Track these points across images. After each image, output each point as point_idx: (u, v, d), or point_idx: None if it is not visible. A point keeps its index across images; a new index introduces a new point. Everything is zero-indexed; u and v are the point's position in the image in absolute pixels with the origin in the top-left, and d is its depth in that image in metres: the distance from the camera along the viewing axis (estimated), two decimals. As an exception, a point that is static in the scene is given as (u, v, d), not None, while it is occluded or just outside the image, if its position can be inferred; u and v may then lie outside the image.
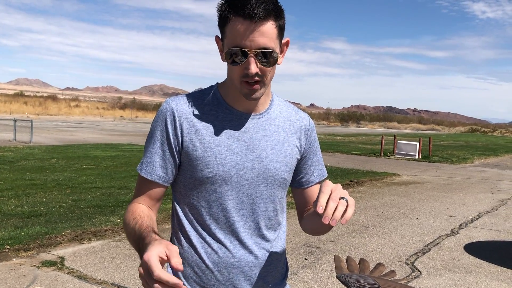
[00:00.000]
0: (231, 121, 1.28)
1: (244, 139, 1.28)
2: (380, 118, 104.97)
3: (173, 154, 1.26)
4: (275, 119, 1.34)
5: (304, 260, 5.08)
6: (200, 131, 1.26)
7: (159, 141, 1.26)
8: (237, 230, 1.28)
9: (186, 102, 1.28)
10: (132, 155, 14.39)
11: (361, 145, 25.98)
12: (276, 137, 1.32)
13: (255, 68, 1.17)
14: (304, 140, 1.38)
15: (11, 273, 4.25)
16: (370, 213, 7.76)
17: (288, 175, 1.34)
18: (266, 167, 1.28)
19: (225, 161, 1.25)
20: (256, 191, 1.28)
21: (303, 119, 1.40)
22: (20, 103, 52.10)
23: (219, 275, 1.27)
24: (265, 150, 1.29)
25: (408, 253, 5.59)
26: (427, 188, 11.17)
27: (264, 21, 1.16)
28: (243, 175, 1.26)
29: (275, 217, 1.34)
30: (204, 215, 1.27)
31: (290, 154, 1.33)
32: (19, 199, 7.16)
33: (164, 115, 1.26)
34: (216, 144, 1.25)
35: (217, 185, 1.25)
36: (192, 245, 1.28)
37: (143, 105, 69.06)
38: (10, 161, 11.65)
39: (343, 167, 14.36)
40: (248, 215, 1.29)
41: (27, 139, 17.44)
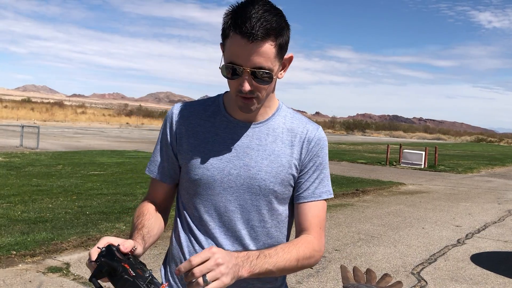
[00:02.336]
0: (226, 129, 1.31)
1: (234, 147, 1.29)
2: (386, 126, 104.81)
3: (171, 155, 1.35)
4: (275, 130, 1.32)
5: (310, 269, 5.06)
6: (194, 135, 1.32)
7: (160, 143, 1.37)
8: (217, 235, 1.29)
9: (188, 108, 1.35)
10: (138, 162, 14.42)
11: (366, 154, 25.92)
12: (271, 147, 1.29)
13: (248, 86, 1.18)
14: (304, 153, 1.31)
15: (17, 278, 4.26)
16: (375, 223, 7.73)
17: (279, 187, 1.28)
18: (252, 176, 1.27)
19: (211, 166, 1.28)
20: (239, 199, 1.28)
21: (309, 131, 1.33)
22: (27, 110, 52.46)
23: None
24: (254, 159, 1.28)
25: (414, 263, 5.55)
26: (433, 197, 11.12)
27: (262, 42, 1.14)
28: (227, 181, 1.27)
29: (262, 229, 1.30)
30: (191, 216, 1.32)
31: (284, 166, 1.29)
32: (25, 205, 7.19)
33: (166, 120, 1.37)
34: (206, 149, 1.29)
35: (202, 188, 1.29)
36: (179, 242, 1.33)
37: (149, 112, 69.34)
38: (17, 167, 11.71)
39: (349, 175, 14.33)
40: (230, 222, 1.29)
41: (34, 145, 17.53)
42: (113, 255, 1.02)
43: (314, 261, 1.28)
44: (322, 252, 1.31)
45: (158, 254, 5.12)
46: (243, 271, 1.10)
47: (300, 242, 1.26)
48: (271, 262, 1.16)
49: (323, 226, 1.33)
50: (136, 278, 0.99)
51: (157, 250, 5.22)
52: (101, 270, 1.01)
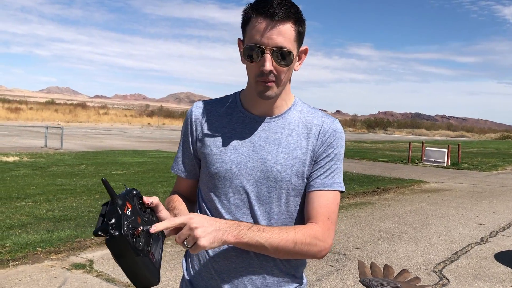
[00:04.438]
0: (243, 124, 1.35)
1: (251, 141, 1.33)
2: (408, 124, 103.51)
3: (191, 152, 1.41)
4: (291, 123, 1.35)
5: (329, 266, 5.06)
6: (213, 131, 1.37)
7: (182, 140, 1.44)
8: None
9: (207, 106, 1.41)
10: (159, 162, 14.58)
11: (388, 152, 25.65)
12: (286, 140, 1.32)
13: (270, 66, 1.22)
14: (319, 144, 1.33)
15: (43, 274, 4.38)
16: (397, 221, 7.66)
17: (295, 179, 1.31)
18: (268, 169, 1.30)
19: (228, 159, 1.32)
20: (257, 191, 1.31)
21: (325, 123, 1.35)
22: (51, 111, 53.49)
23: (216, 266, 1.33)
24: (270, 152, 1.31)
25: (436, 261, 5.50)
26: (456, 195, 10.96)
27: (283, 21, 1.20)
28: (245, 174, 1.31)
29: (279, 220, 1.32)
30: (210, 209, 1.36)
31: (299, 158, 1.31)
32: (50, 204, 7.36)
33: (186, 118, 1.43)
34: (223, 144, 1.34)
35: (220, 181, 1.33)
36: None
37: (170, 113, 69.96)
38: (41, 166, 11.97)
39: (370, 174, 14.22)
40: (248, 214, 1.32)
41: (58, 145, 17.89)
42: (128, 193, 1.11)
43: (316, 250, 1.25)
44: (328, 243, 1.27)
45: (179, 251, 5.19)
46: (229, 236, 1.14)
47: (302, 227, 1.25)
48: (263, 236, 1.18)
49: (333, 218, 1.29)
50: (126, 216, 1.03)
51: (179, 247, 5.29)
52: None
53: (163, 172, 12.01)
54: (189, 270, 1.41)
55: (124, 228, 1.01)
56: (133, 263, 1.04)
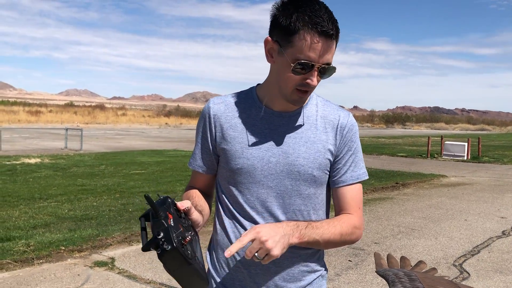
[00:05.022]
0: (262, 119, 1.37)
1: (272, 136, 1.35)
2: (427, 119, 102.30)
3: (209, 148, 1.42)
4: (309, 118, 1.38)
5: (348, 261, 5.06)
6: (232, 127, 1.38)
7: (199, 136, 1.44)
8: (260, 220, 1.34)
9: (224, 102, 1.42)
10: (177, 161, 14.71)
11: (406, 147, 25.41)
12: (306, 134, 1.36)
13: (316, 81, 1.27)
14: (339, 139, 1.37)
15: (66, 272, 4.48)
16: (416, 215, 7.61)
17: (318, 172, 1.35)
18: (291, 163, 1.33)
19: (250, 155, 1.34)
20: (280, 185, 1.34)
21: (341, 117, 1.39)
22: (71, 113, 54.28)
23: (243, 259, 1.35)
24: (292, 146, 1.34)
25: (456, 254, 5.45)
26: (476, 189, 10.82)
27: (333, 40, 1.25)
28: (268, 169, 1.33)
29: (302, 213, 1.36)
30: (233, 204, 1.38)
31: (320, 152, 1.35)
32: (71, 204, 7.50)
33: (203, 114, 1.43)
34: (244, 139, 1.35)
35: (243, 177, 1.35)
36: (224, 229, 1.40)
37: (187, 112, 70.36)
38: (62, 168, 12.19)
39: (388, 169, 14.12)
40: (272, 208, 1.34)
41: (78, 147, 18.17)
42: (164, 203, 1.14)
43: (355, 238, 1.37)
44: (362, 229, 1.39)
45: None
46: (293, 238, 1.22)
47: (343, 219, 1.35)
48: (318, 233, 1.27)
49: (361, 206, 1.41)
50: (171, 227, 1.06)
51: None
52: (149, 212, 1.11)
53: (181, 171, 12.12)
54: (214, 264, 1.43)
55: (174, 241, 1.04)
56: (187, 272, 1.07)
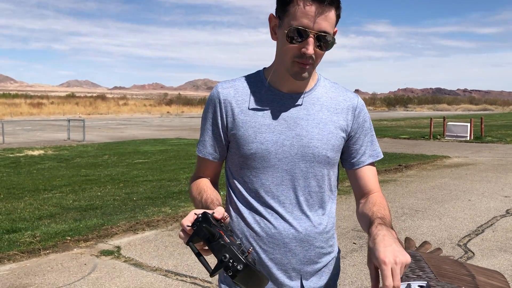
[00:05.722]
0: (273, 102, 1.35)
1: (284, 118, 1.33)
2: (429, 100, 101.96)
3: (220, 134, 1.38)
4: (319, 99, 1.37)
5: (353, 244, 5.08)
6: (243, 111, 1.35)
7: (208, 123, 1.39)
8: (275, 204, 1.34)
9: (233, 86, 1.38)
10: (180, 149, 14.73)
11: (409, 129, 25.36)
12: (318, 116, 1.35)
13: (312, 49, 1.22)
14: (351, 120, 1.38)
15: (73, 262, 4.51)
16: (420, 197, 7.62)
17: (331, 153, 1.35)
18: (305, 145, 1.32)
19: (264, 139, 1.32)
20: (295, 168, 1.33)
21: (350, 99, 1.40)
22: (72, 104, 54.26)
23: (260, 243, 1.35)
24: (305, 128, 1.33)
25: (461, 235, 5.47)
26: (479, 169, 10.81)
27: (330, 7, 1.22)
28: (282, 152, 1.32)
29: (318, 194, 1.37)
30: (247, 190, 1.36)
31: (333, 133, 1.35)
32: (76, 194, 7.53)
33: (212, 99, 1.39)
34: (256, 124, 1.33)
35: (257, 161, 1.33)
36: (240, 215, 1.38)
37: (188, 100, 70.28)
38: (66, 159, 12.23)
39: (391, 151, 14.10)
40: (288, 191, 1.34)
41: (80, 137, 18.20)
42: (209, 221, 1.07)
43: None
44: None
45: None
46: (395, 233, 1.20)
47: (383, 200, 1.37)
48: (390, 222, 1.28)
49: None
50: (231, 244, 1.04)
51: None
52: (199, 235, 1.06)
53: (184, 159, 12.14)
54: None
55: (242, 258, 1.02)
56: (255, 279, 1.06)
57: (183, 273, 4.23)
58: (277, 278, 1.35)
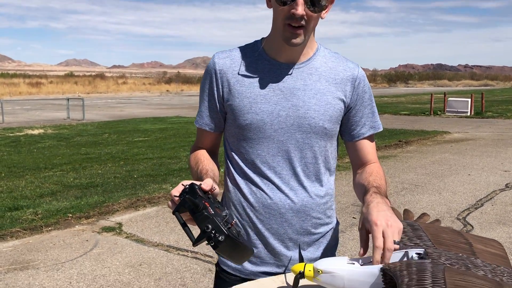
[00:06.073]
0: (270, 72, 1.32)
1: (280, 89, 1.31)
2: (430, 76, 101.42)
3: (216, 104, 1.37)
4: (317, 69, 1.34)
5: (352, 218, 5.12)
6: (239, 82, 1.33)
7: (205, 93, 1.39)
8: (272, 175, 1.33)
9: (229, 56, 1.36)
10: (180, 127, 14.71)
11: (409, 105, 25.30)
12: (316, 86, 1.32)
13: (302, 10, 1.20)
14: (350, 91, 1.35)
15: (75, 238, 4.55)
16: (419, 172, 7.64)
17: (329, 124, 1.33)
18: (301, 116, 1.30)
19: (259, 110, 1.30)
20: (291, 139, 1.32)
21: (350, 69, 1.36)
22: (71, 83, 53.99)
23: (257, 213, 1.35)
24: (302, 99, 1.31)
25: (460, 208, 5.50)
26: (480, 144, 10.82)
27: None
28: (278, 123, 1.30)
29: (315, 165, 1.35)
30: (244, 161, 1.36)
31: (331, 104, 1.32)
32: (77, 172, 7.56)
33: (208, 70, 1.37)
34: (252, 94, 1.31)
35: (253, 132, 1.32)
36: (237, 185, 1.38)
37: (188, 79, 69.86)
38: (66, 137, 12.23)
39: (391, 127, 14.09)
40: (284, 162, 1.33)
41: (80, 116, 18.17)
42: (195, 193, 1.09)
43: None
44: None
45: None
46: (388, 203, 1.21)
47: (380, 170, 1.38)
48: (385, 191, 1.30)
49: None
50: (215, 215, 1.05)
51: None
52: (184, 205, 1.08)
53: (184, 137, 12.13)
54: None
55: (225, 229, 1.03)
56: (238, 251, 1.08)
57: (185, 248, 4.28)
58: (274, 248, 1.35)
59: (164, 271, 3.78)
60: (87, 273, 3.75)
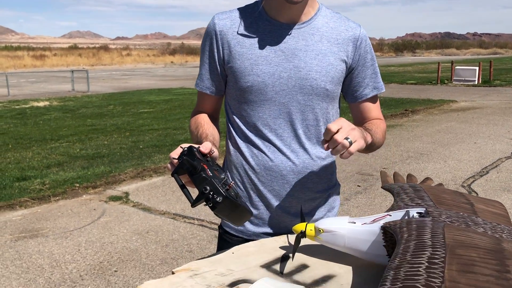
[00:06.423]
0: (271, 32, 1.30)
1: (282, 50, 1.29)
2: (437, 45, 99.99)
3: (217, 67, 1.35)
4: (319, 29, 1.32)
5: (357, 187, 5.14)
6: (240, 43, 1.31)
7: (205, 56, 1.36)
8: (273, 137, 1.33)
9: (229, 17, 1.34)
10: (185, 98, 14.68)
11: (416, 74, 25.02)
12: (317, 47, 1.30)
13: None
14: (352, 51, 1.33)
15: (82, 207, 4.62)
16: (425, 140, 7.62)
17: (330, 86, 1.31)
18: (303, 77, 1.29)
19: (261, 71, 1.29)
20: (292, 101, 1.30)
21: (352, 29, 1.34)
22: (75, 56, 53.74)
23: (258, 176, 1.35)
24: (303, 60, 1.29)
25: (465, 176, 5.50)
26: (486, 112, 10.74)
27: None
28: (279, 84, 1.29)
29: (316, 127, 1.35)
30: (245, 124, 1.35)
31: (333, 64, 1.31)
32: (83, 143, 7.61)
33: (208, 32, 1.35)
34: (253, 55, 1.29)
35: (254, 95, 1.31)
36: (238, 148, 1.38)
37: (192, 50, 69.25)
38: (71, 109, 12.26)
39: (398, 97, 13.98)
40: (286, 124, 1.32)
41: (85, 88, 18.14)
42: (193, 155, 1.09)
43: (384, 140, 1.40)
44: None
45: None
46: (368, 137, 1.19)
47: (381, 123, 1.38)
48: (373, 134, 1.27)
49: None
50: (213, 177, 1.06)
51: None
52: (182, 167, 1.08)
53: (189, 108, 12.11)
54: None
55: (222, 191, 1.03)
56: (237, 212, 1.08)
57: (191, 216, 4.33)
58: (275, 209, 1.36)
59: (171, 238, 3.84)
60: (95, 240, 3.81)
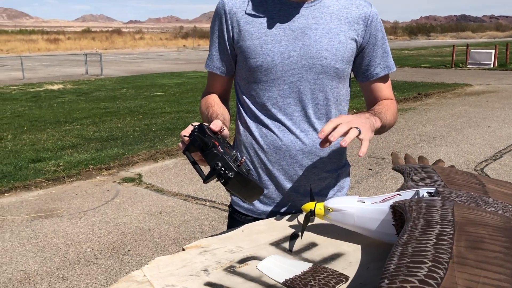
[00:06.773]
0: (280, 11, 1.30)
1: (291, 28, 1.29)
2: (453, 28, 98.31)
3: (226, 47, 1.35)
4: (329, 8, 1.31)
5: (369, 170, 5.14)
6: (249, 22, 1.30)
7: (215, 35, 1.36)
8: (283, 117, 1.33)
9: None
10: (197, 82, 14.69)
11: (430, 58, 24.68)
12: (328, 25, 1.30)
13: None
14: (362, 29, 1.32)
15: (96, 188, 4.69)
16: (438, 124, 7.56)
17: (341, 65, 1.31)
18: (313, 56, 1.28)
19: (270, 50, 1.28)
20: (302, 80, 1.30)
21: (363, 7, 1.33)
22: (88, 39, 53.91)
23: (268, 155, 1.36)
24: (313, 38, 1.28)
25: (478, 160, 5.46)
26: (501, 96, 10.59)
27: None
28: (289, 63, 1.29)
29: (326, 107, 1.34)
30: (255, 103, 1.35)
31: (343, 43, 1.30)
32: (96, 126, 7.68)
33: (218, 11, 1.35)
34: (263, 35, 1.29)
35: (263, 74, 1.30)
36: (248, 128, 1.39)
37: (204, 33, 69.01)
38: (85, 92, 12.35)
39: (411, 80, 13.84)
40: (295, 103, 1.32)
41: (98, 72, 18.24)
42: (204, 132, 1.11)
43: (396, 120, 1.39)
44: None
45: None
46: (377, 122, 1.19)
47: (391, 104, 1.38)
48: (383, 117, 1.26)
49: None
50: (224, 154, 1.07)
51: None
52: (194, 144, 1.10)
53: (201, 91, 12.04)
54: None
55: (233, 166, 1.05)
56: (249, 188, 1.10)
57: (203, 198, 4.37)
58: (285, 188, 1.38)
59: (183, 219, 3.89)
60: (109, 220, 3.88)
